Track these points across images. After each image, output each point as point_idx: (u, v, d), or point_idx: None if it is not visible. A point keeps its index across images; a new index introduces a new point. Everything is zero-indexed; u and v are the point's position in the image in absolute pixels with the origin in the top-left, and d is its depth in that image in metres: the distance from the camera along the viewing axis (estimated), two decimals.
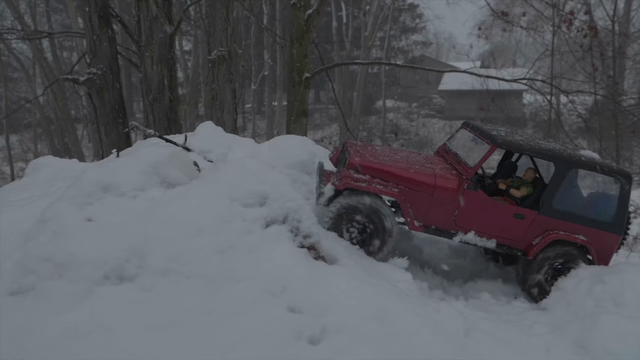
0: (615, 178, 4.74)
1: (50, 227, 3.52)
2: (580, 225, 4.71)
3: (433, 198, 4.58)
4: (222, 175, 3.79)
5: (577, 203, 4.83)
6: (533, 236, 4.71)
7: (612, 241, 4.78)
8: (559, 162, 4.68)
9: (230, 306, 2.92)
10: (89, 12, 8.83)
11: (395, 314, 3.06)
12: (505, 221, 4.66)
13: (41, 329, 2.74)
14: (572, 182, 4.88)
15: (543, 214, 4.68)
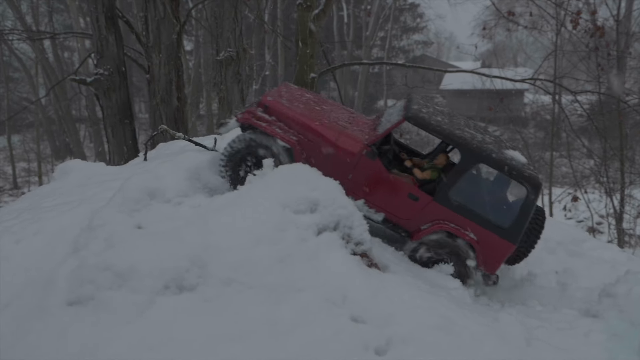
0: (522, 185, 4.44)
1: (100, 234, 3.49)
2: (474, 223, 4.48)
3: (330, 155, 4.50)
4: (271, 181, 3.77)
5: (477, 200, 4.59)
6: (423, 221, 4.55)
7: (503, 248, 4.51)
8: (465, 151, 4.43)
9: (295, 317, 2.89)
10: (96, 12, 8.79)
11: (458, 323, 3.05)
12: (398, 198, 4.54)
13: (109, 342, 2.71)
14: (476, 177, 4.70)
15: (438, 201, 4.50)
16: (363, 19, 30.46)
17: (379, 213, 4.60)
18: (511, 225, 4.48)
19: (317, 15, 11.19)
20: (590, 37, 14.57)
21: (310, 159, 4.50)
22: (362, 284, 3.19)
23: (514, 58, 34.86)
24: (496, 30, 22.82)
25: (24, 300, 3.22)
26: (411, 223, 4.60)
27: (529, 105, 32.05)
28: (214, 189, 4.35)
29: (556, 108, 19.46)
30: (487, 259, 4.56)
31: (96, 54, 8.95)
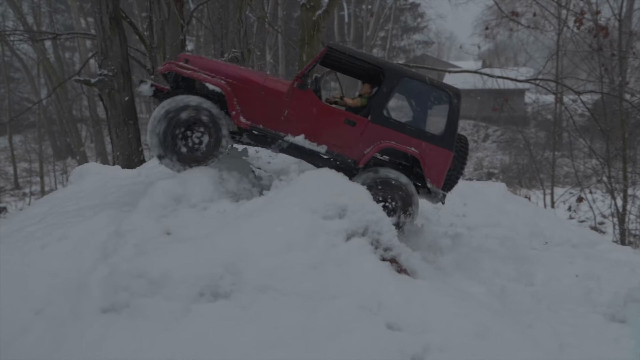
0: (445, 92, 4.76)
1: (130, 240, 3.48)
2: (411, 137, 4.68)
3: (261, 97, 4.55)
4: (298, 186, 3.76)
5: (408, 114, 4.84)
6: (365, 145, 4.66)
7: (443, 156, 4.75)
8: (389, 70, 4.69)
9: (332, 324, 2.88)
10: (100, 13, 8.77)
11: (493, 329, 3.04)
12: (336, 126, 4.63)
13: (147, 349, 2.69)
14: (403, 93, 4.93)
15: (374, 121, 4.64)
16: (364, 19, 30.46)
17: (322, 145, 4.63)
18: (444, 132, 4.74)
19: (321, 16, 11.20)
20: (594, 37, 14.60)
21: (242, 104, 4.51)
22: (395, 291, 3.19)
23: (515, 57, 34.89)
24: (498, 30, 22.88)
25: (56, 307, 3.20)
26: (354, 150, 4.67)
27: (530, 105, 32.07)
28: (237, 194, 4.34)
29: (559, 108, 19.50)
30: (431, 171, 4.72)
31: (100, 54, 8.92)
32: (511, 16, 17.26)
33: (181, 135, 4.39)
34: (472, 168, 29.40)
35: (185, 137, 4.40)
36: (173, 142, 4.38)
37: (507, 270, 5.14)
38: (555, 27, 18.93)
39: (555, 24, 18.85)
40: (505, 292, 4.62)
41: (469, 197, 7.07)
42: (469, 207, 6.75)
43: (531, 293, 4.71)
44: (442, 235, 5.56)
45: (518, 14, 17.33)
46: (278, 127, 4.60)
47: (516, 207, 6.90)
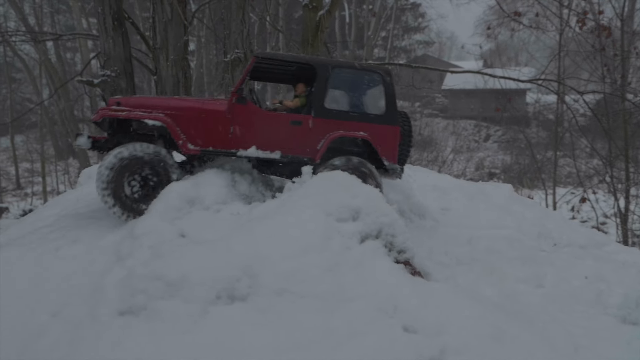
0: (376, 73, 5.00)
1: (144, 243, 3.49)
2: (357, 122, 4.87)
3: (204, 121, 4.58)
4: (311, 189, 3.77)
5: (348, 102, 5.05)
6: (316, 141, 4.80)
7: (391, 133, 4.99)
8: (319, 64, 4.89)
9: (349, 327, 2.89)
10: (103, 14, 8.77)
11: (509, 332, 3.05)
12: (283, 130, 4.74)
13: (167, 352, 2.70)
14: (338, 83, 5.04)
15: (317, 116, 4.79)
16: (365, 19, 30.45)
17: (275, 151, 4.72)
18: (385, 110, 4.99)
19: (323, 16, 11.20)
20: (597, 37, 14.59)
21: (186, 132, 4.52)
22: (410, 293, 3.19)
23: (516, 57, 34.89)
24: (500, 30, 22.88)
25: (72, 310, 3.21)
26: (306, 148, 4.80)
27: (531, 105, 32.08)
28: (249, 196, 4.36)
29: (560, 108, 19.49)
30: (384, 150, 4.95)
31: (103, 55, 8.92)
32: (513, 16, 17.26)
33: (132, 185, 4.33)
34: (474, 168, 29.42)
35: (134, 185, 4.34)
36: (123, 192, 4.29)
37: (517, 271, 5.14)
38: (557, 26, 18.93)
39: (557, 24, 18.85)
40: (515, 293, 4.62)
41: (475, 198, 7.08)
42: (476, 208, 6.76)
43: (541, 295, 4.71)
44: (451, 237, 5.58)
45: (520, 14, 17.34)
46: (228, 145, 4.63)
47: (523, 208, 6.91)
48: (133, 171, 4.30)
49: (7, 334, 3.09)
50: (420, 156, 27.90)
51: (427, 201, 6.61)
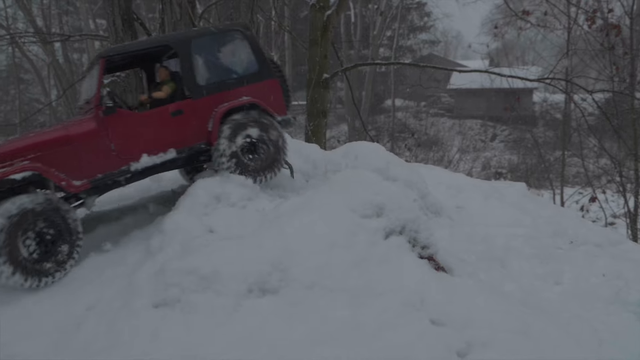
0: (235, 31, 4.78)
1: (174, 238, 3.57)
2: (237, 88, 4.62)
3: (77, 150, 3.96)
4: (335, 186, 3.83)
5: (220, 70, 4.73)
6: (204, 123, 4.48)
7: (272, 87, 4.81)
8: (176, 42, 4.59)
9: (378, 320, 2.96)
10: (112, 15, 8.85)
11: (535, 327, 3.10)
12: (167, 125, 4.35)
13: (203, 343, 2.77)
14: (203, 55, 4.69)
15: (196, 97, 4.48)
16: (370, 19, 30.50)
17: (168, 151, 4.35)
18: (257, 65, 4.76)
19: (331, 16, 11.25)
20: (606, 35, 14.57)
21: (64, 169, 3.87)
22: (436, 288, 3.26)
23: (523, 56, 34.83)
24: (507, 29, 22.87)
25: (107, 303, 3.30)
26: (198, 134, 4.48)
27: (538, 104, 32.02)
28: (272, 193, 4.42)
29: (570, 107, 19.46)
30: (271, 104, 4.72)
31: None
32: (521, 15, 17.24)
33: (27, 245, 3.63)
34: (480, 168, 29.41)
35: (30, 245, 3.64)
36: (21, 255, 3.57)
37: (534, 269, 5.19)
38: (564, 25, 18.90)
39: (565, 22, 18.82)
40: (534, 290, 4.67)
41: (490, 197, 7.12)
42: (491, 206, 6.80)
43: (560, 292, 4.76)
44: (468, 235, 5.62)
45: (529, 12, 17.33)
46: (115, 164, 4.13)
47: (537, 207, 6.94)
48: (26, 228, 3.59)
49: (45, 326, 3.19)
50: (426, 156, 27.92)
51: (441, 199, 6.66)
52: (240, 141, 4.46)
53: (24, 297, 3.56)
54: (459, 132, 34.20)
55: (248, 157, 4.52)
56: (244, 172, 4.43)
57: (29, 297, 3.56)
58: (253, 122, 4.52)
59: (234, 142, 4.43)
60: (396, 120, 33.84)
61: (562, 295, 4.53)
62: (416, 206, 3.85)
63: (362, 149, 5.73)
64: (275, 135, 4.64)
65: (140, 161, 4.22)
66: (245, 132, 4.48)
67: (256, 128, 4.53)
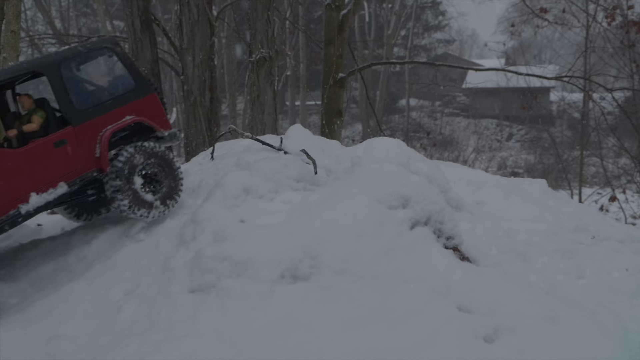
0: (106, 49, 4.55)
1: (207, 228, 3.70)
2: (118, 109, 4.37)
3: None
4: (363, 178, 3.93)
5: (98, 92, 4.51)
6: (92, 151, 4.21)
7: (153, 102, 4.62)
8: (45, 67, 4.18)
9: (406, 306, 3.05)
10: (130, 16, 9.01)
11: (561, 315, 3.16)
12: (52, 158, 4.03)
13: (240, 326, 2.89)
14: (77, 78, 4.44)
15: (77, 123, 4.16)
16: (385, 18, 30.52)
17: (59, 186, 4.05)
18: (134, 82, 4.56)
19: (346, 16, 11.33)
20: (626, 32, 14.41)
21: None
22: (463, 276, 3.33)
23: (539, 55, 34.55)
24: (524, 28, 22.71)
25: (144, 288, 3.45)
26: (86, 163, 4.21)
27: (555, 103, 31.72)
28: (297, 188, 4.52)
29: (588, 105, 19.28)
30: (156, 120, 4.58)
31: (131, 56, 9.17)
32: (538, 13, 17.11)
33: None
34: (496, 167, 29.22)
35: None
36: None
37: (557, 263, 5.22)
38: (583, 23, 18.72)
39: (583, 20, 18.64)
40: (557, 284, 4.70)
41: (511, 193, 7.14)
42: (511, 202, 6.82)
43: (583, 285, 4.78)
44: (489, 229, 5.66)
45: (547, 10, 17.21)
46: (2, 209, 3.80)
47: (558, 203, 6.94)
48: None
49: (88, 310, 3.36)
50: (441, 155, 27.83)
51: (462, 195, 6.70)
52: (138, 180, 4.32)
53: (67, 283, 3.73)
54: (475, 132, 34.02)
55: (148, 189, 4.39)
56: (149, 208, 4.28)
57: (70, 283, 3.74)
58: (148, 156, 4.39)
59: (131, 181, 4.27)
60: (411, 120, 33.80)
61: (585, 289, 4.56)
62: (441, 198, 3.91)
63: (383, 145, 5.78)
64: (162, 153, 4.51)
65: (30, 201, 3.92)
66: (137, 169, 4.33)
67: (142, 157, 4.37)
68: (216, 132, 9.53)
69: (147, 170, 4.42)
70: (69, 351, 3.03)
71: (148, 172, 4.43)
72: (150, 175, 4.44)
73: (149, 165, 4.41)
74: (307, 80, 27.17)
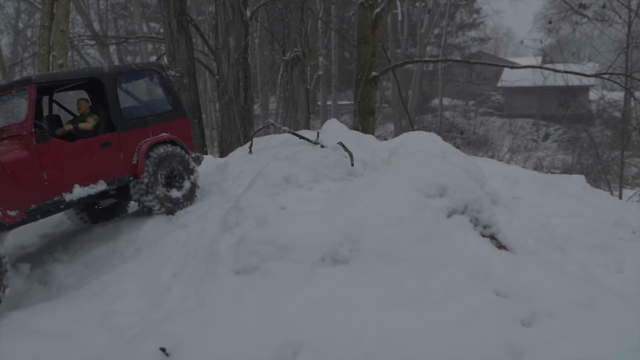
0: (154, 71, 5.05)
1: (250, 214, 3.87)
2: (156, 126, 4.90)
3: (9, 177, 3.79)
4: (400, 168, 4.02)
5: (142, 108, 5.01)
6: (130, 157, 4.67)
7: (185, 126, 5.18)
8: (102, 76, 4.65)
9: (445, 288, 3.12)
10: (167, 17, 9.30)
11: (600, 301, 3.16)
12: (97, 156, 4.44)
13: (284, 305, 3.04)
14: (126, 89, 4.95)
15: (123, 130, 4.65)
16: (417, 17, 30.32)
17: (99, 182, 4.45)
18: (172, 105, 5.15)
19: (379, 14, 11.36)
20: None
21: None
22: (500, 262, 3.38)
23: (578, 52, 33.60)
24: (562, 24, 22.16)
25: (190, 270, 3.65)
26: (124, 167, 4.66)
27: (595, 102, 30.78)
28: (335, 178, 4.66)
29: (629, 104, 18.67)
30: (185, 141, 5.14)
31: (168, 56, 9.48)
32: (578, 9, 16.69)
33: None
34: (532, 168, 28.59)
35: None
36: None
37: (595, 257, 5.16)
38: (624, 19, 18.16)
39: (624, 16, 18.08)
40: (596, 276, 4.66)
41: (548, 188, 7.06)
42: (549, 197, 6.75)
43: (623, 279, 4.72)
44: (526, 223, 5.63)
45: (587, 6, 16.76)
46: (48, 195, 4.04)
47: (598, 199, 6.83)
48: None
49: (139, 289, 3.59)
50: (474, 155, 27.39)
51: (498, 190, 6.67)
52: (162, 178, 4.88)
53: (119, 265, 3.99)
54: (510, 132, 33.38)
55: (171, 189, 4.99)
56: (169, 206, 4.86)
57: (122, 265, 4.00)
58: (174, 156, 4.96)
59: (157, 179, 4.81)
60: (444, 120, 33.45)
61: (624, 282, 4.51)
62: (478, 187, 3.96)
63: (420, 138, 5.85)
64: (191, 168, 5.12)
65: (73, 192, 4.25)
66: (170, 165, 4.95)
67: (177, 161, 4.99)
68: (250, 130, 9.77)
69: (173, 169, 5.01)
70: (124, 325, 3.25)
71: (173, 171, 5.02)
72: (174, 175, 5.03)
73: (175, 164, 5.00)
74: (338, 80, 27.29)
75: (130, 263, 4.01)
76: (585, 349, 2.80)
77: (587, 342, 2.88)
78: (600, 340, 2.90)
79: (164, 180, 4.90)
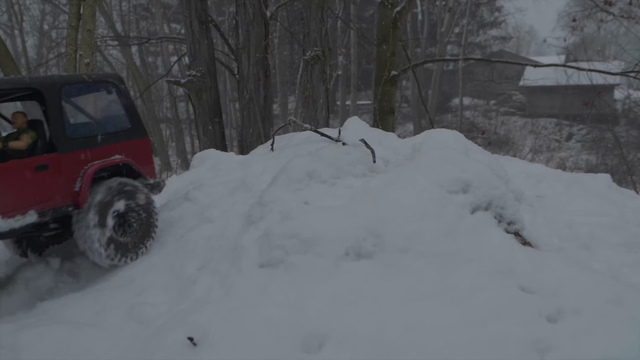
0: (110, 83, 4.35)
1: (274, 209, 3.92)
2: (108, 147, 4.18)
3: None
4: (423, 164, 4.02)
5: (92, 124, 4.29)
6: (71, 182, 3.91)
7: (144, 147, 4.52)
8: (42, 86, 3.92)
9: (468, 283, 3.12)
10: (189, 17, 9.40)
11: (627, 298, 3.12)
12: (29, 182, 3.68)
13: (309, 297, 3.08)
14: (75, 105, 4.28)
15: (64, 151, 3.89)
16: (438, 16, 30.10)
17: (28, 213, 3.70)
18: (131, 122, 4.46)
19: (400, 13, 11.31)
20: None
21: None
22: (525, 258, 3.36)
23: (603, 51, 32.87)
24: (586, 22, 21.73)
25: (216, 264, 3.72)
26: (63, 195, 3.90)
27: (620, 101, 30.12)
28: (357, 175, 4.67)
29: None
30: (142, 164, 4.45)
31: (189, 56, 9.58)
32: (603, 6, 16.37)
33: None
34: (555, 168, 28.16)
35: None
36: None
37: (621, 256, 5.07)
38: None
39: None
40: (623, 275, 4.58)
41: (572, 187, 6.96)
42: (573, 195, 6.65)
43: None
44: (550, 221, 5.57)
45: (612, 3, 16.42)
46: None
47: (624, 198, 6.70)
48: None
49: (167, 281, 3.67)
50: None
51: (521, 188, 6.60)
52: (110, 221, 4.08)
53: (145, 258, 4.10)
54: (532, 131, 32.88)
55: (121, 232, 4.19)
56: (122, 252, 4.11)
57: (148, 258, 4.10)
58: (118, 194, 4.17)
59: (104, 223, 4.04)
60: (464, 119, 33.12)
61: None
62: (502, 183, 3.94)
63: (442, 135, 5.81)
64: (144, 199, 4.34)
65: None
66: (112, 208, 4.10)
67: (122, 200, 4.19)
68: (270, 129, 9.84)
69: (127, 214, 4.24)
70: (151, 316, 3.33)
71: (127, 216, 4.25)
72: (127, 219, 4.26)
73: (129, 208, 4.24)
74: (358, 79, 27.27)
75: (155, 256, 4.10)
76: (612, 345, 2.76)
77: (614, 339, 2.85)
78: (627, 337, 2.86)
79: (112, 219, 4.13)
